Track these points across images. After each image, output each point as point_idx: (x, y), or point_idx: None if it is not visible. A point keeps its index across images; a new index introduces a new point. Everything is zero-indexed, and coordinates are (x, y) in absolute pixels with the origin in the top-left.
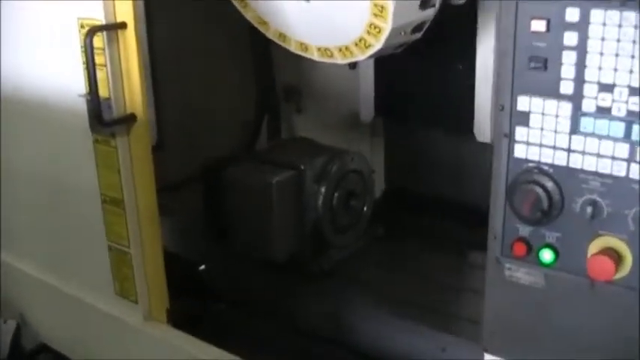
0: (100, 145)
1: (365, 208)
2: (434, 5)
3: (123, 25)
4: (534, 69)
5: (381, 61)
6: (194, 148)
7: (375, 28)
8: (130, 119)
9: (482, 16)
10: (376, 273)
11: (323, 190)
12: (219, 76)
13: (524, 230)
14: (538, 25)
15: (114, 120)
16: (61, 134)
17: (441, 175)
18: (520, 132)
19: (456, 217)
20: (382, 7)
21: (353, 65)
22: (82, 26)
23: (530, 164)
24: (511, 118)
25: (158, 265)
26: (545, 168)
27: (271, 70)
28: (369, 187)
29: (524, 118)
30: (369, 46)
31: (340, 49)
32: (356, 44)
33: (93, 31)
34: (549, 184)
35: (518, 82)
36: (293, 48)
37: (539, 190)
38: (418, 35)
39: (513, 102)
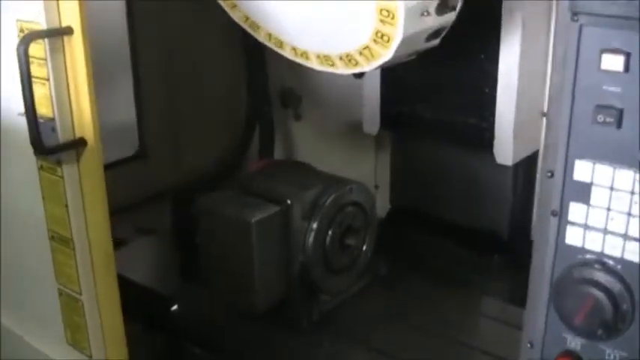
0: (45, 172)
1: (365, 247)
2: (454, 8)
3: (68, 31)
4: (603, 124)
5: (390, 67)
6: (179, 157)
7: (382, 36)
8: (78, 144)
9: (506, 17)
10: (374, 324)
11: (314, 227)
12: (208, 79)
13: (575, 342)
14: (612, 62)
15: (59, 145)
16: (5, 157)
17: (454, 196)
18: (576, 210)
19: (468, 243)
20: (390, 12)
21: (359, 75)
22: (21, 30)
23: (589, 256)
24: (564, 191)
25: (115, 315)
26: (611, 263)
27: (265, 73)
28: (370, 222)
29: (582, 192)
30: (377, 55)
31: (342, 58)
32: (361, 53)
33: (29, 37)
34: (616, 287)
35: (577, 141)
36: (288, 54)
37: (601, 295)
38: (435, 43)
39: (568, 168)
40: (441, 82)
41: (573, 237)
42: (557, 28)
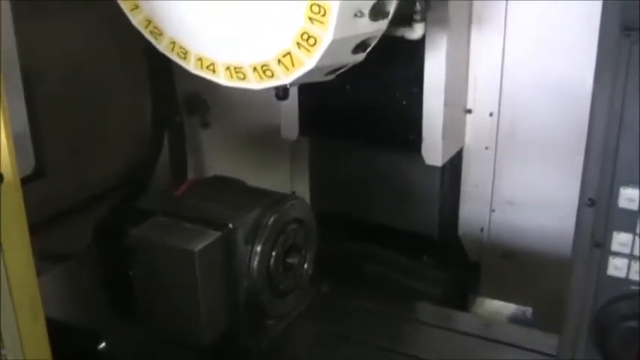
0: None
1: (306, 265)
2: (387, 15)
3: None
4: None
5: None
6: (81, 173)
7: (308, 38)
8: None
9: (432, 19)
10: (320, 344)
11: (258, 250)
12: (108, 88)
13: None
14: None
15: None
16: None
17: (381, 200)
18: (620, 240)
19: (398, 246)
20: (321, 8)
21: (282, 94)
22: None
23: (634, 287)
24: (607, 220)
25: None
26: None
27: (171, 77)
28: (310, 239)
29: (628, 221)
30: (298, 64)
31: (256, 69)
32: (279, 61)
33: None
34: None
35: (623, 167)
36: (192, 66)
37: None
38: (360, 57)
39: (613, 195)
40: (364, 85)
41: (617, 268)
42: (602, 44)
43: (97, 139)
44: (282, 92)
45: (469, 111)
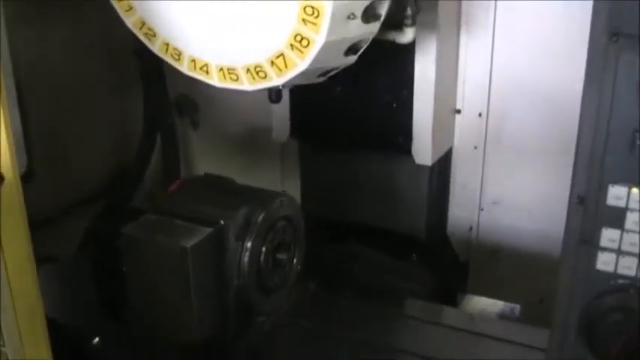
0: None
1: (295, 261)
2: (379, 18)
3: None
4: None
5: None
6: (71, 176)
7: (301, 40)
8: None
9: (421, 22)
10: (309, 342)
11: (248, 246)
12: (99, 89)
13: None
14: None
15: None
16: None
17: (370, 201)
18: (609, 236)
19: (387, 247)
20: (315, 10)
21: (276, 97)
22: None
23: (622, 281)
24: (597, 217)
25: None
26: None
27: (163, 79)
28: (298, 236)
29: (616, 217)
30: (291, 65)
31: (249, 70)
32: (272, 63)
33: None
34: None
35: (611, 166)
36: (186, 67)
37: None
38: (352, 59)
39: (601, 193)
40: (355, 88)
41: (605, 263)
42: (591, 49)
43: (87, 140)
44: (275, 94)
45: (458, 111)
